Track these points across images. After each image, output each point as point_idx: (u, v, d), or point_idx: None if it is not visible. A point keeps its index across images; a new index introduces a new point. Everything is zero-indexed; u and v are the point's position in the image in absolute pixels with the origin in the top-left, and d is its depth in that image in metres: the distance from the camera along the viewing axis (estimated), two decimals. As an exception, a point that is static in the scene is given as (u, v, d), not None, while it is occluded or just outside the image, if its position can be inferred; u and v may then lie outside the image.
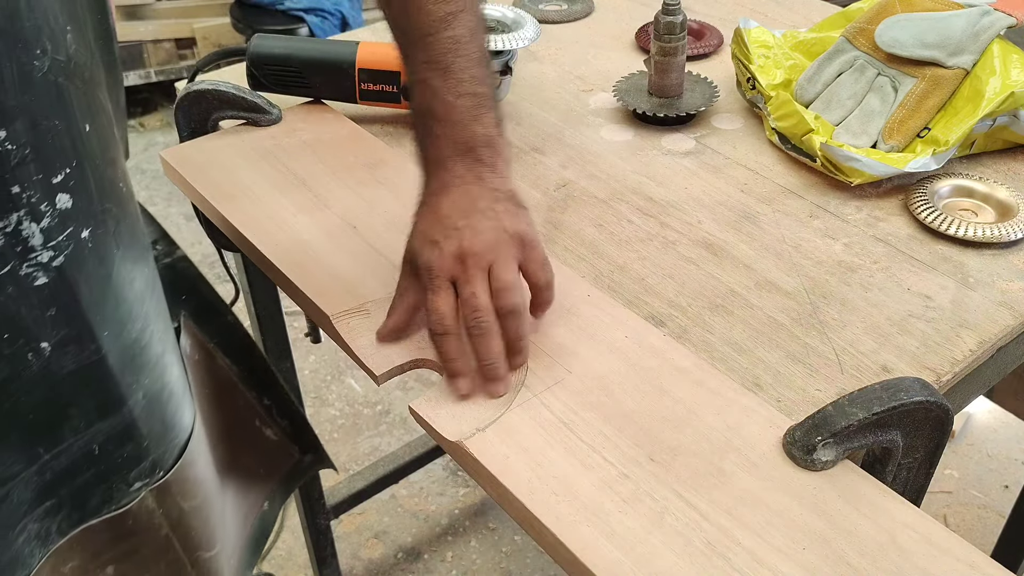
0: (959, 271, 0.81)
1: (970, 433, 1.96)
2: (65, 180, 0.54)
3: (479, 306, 0.66)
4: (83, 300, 0.57)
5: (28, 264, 0.54)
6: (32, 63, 0.51)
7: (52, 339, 0.56)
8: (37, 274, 0.54)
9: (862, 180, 0.88)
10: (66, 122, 0.54)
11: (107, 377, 0.61)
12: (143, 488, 0.67)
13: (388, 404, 2.05)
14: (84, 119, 0.55)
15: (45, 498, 0.62)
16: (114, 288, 0.60)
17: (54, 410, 0.59)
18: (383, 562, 1.75)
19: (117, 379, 0.62)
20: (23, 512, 0.61)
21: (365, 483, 1.61)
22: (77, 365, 0.59)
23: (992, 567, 0.56)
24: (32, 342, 0.56)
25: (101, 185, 0.57)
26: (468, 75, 0.68)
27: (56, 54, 0.52)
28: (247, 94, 0.98)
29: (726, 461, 0.62)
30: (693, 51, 1.16)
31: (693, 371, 0.69)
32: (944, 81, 0.91)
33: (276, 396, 0.89)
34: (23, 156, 0.51)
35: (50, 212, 0.54)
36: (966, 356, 0.72)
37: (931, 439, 0.63)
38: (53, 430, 0.60)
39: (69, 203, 0.55)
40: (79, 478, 0.63)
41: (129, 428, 0.64)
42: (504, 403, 0.67)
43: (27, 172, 0.52)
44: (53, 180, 0.53)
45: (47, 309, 0.56)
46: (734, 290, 0.79)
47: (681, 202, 0.90)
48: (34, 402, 0.58)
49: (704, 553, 0.57)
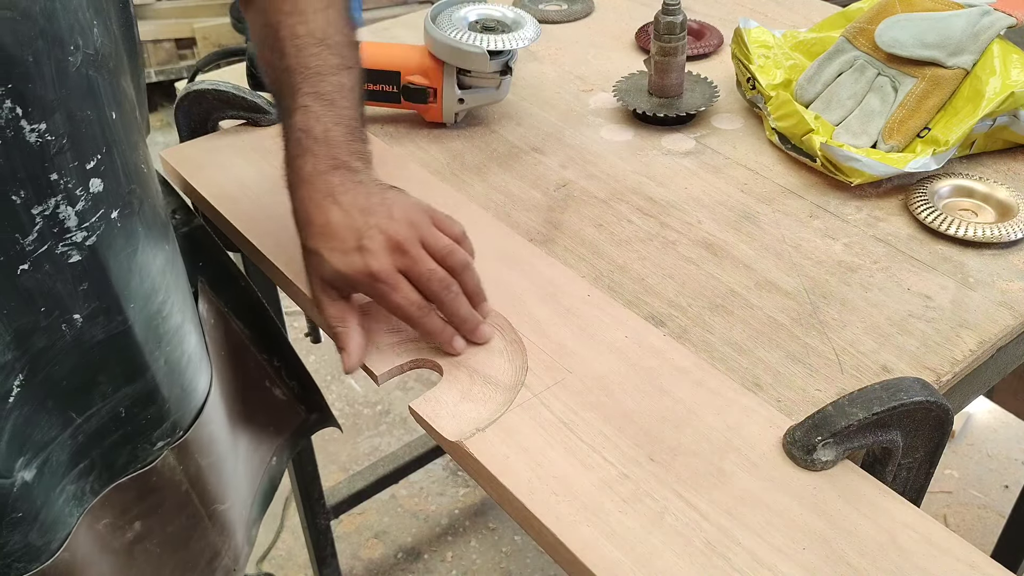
0: (959, 271, 0.81)
1: (970, 433, 1.96)
2: (97, 166, 0.58)
3: (442, 277, 0.70)
4: (112, 276, 0.62)
5: (64, 244, 0.58)
6: (67, 59, 0.54)
7: (84, 311, 0.61)
8: (71, 252, 0.59)
9: (862, 180, 0.88)
10: (96, 112, 0.58)
11: (132, 346, 0.66)
12: (165, 447, 0.72)
13: (388, 404, 2.05)
14: (111, 107, 0.59)
15: (79, 460, 0.67)
16: (139, 264, 0.64)
17: (86, 377, 0.64)
18: (383, 562, 1.75)
19: (141, 347, 0.67)
20: (61, 474, 0.65)
21: (365, 483, 1.61)
22: (106, 335, 0.64)
23: (992, 567, 0.56)
24: (66, 314, 0.60)
25: (127, 168, 0.62)
26: (348, 114, 0.74)
27: (86, 48, 0.56)
28: (247, 94, 0.98)
29: (726, 461, 0.62)
30: (693, 51, 1.16)
31: (693, 371, 0.69)
32: (944, 81, 0.91)
33: (285, 358, 0.93)
34: (61, 146, 0.55)
35: (84, 196, 0.58)
36: (966, 356, 0.72)
37: (931, 439, 0.63)
38: (84, 395, 0.65)
39: (100, 187, 0.59)
40: (108, 439, 0.68)
41: (152, 392, 0.69)
42: (504, 403, 0.67)
43: (64, 160, 0.56)
44: (87, 166, 0.58)
45: (80, 284, 0.60)
46: (734, 290, 0.79)
47: (681, 202, 0.90)
48: (68, 370, 0.62)
49: (704, 553, 0.57)
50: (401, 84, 0.99)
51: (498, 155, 0.98)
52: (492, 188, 0.93)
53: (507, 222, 0.87)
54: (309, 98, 0.73)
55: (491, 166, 0.97)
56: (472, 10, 0.99)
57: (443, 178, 0.94)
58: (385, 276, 0.69)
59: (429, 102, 0.99)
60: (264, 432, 0.93)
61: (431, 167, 0.96)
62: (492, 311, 0.75)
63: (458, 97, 0.99)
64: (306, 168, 0.71)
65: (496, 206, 0.90)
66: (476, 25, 0.98)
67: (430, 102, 0.99)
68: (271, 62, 0.75)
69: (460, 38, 0.94)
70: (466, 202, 0.89)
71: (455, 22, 0.97)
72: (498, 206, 0.90)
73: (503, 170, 0.96)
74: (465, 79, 0.99)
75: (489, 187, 0.93)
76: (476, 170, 0.96)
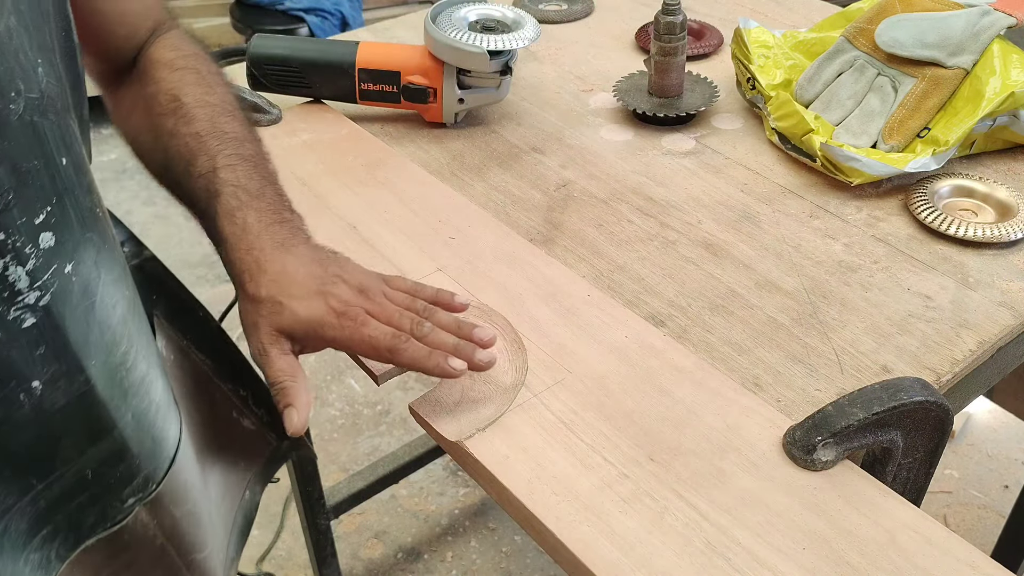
0: (959, 271, 0.81)
1: (970, 433, 1.96)
2: (47, 219, 0.53)
3: (412, 316, 0.67)
4: (70, 334, 0.56)
5: (16, 308, 0.52)
6: (7, 108, 0.50)
7: (43, 377, 0.55)
8: (25, 316, 0.53)
9: (862, 180, 0.88)
10: (44, 160, 0.52)
11: (96, 405, 0.60)
12: (136, 503, 0.67)
13: (388, 404, 2.05)
14: (60, 153, 0.54)
15: (41, 526, 0.61)
16: (98, 316, 0.59)
17: (47, 445, 0.58)
18: (383, 562, 1.75)
19: (106, 405, 0.61)
20: (23, 544, 0.60)
21: (365, 483, 1.61)
22: (68, 399, 0.58)
23: (992, 567, 0.56)
24: (23, 383, 0.54)
25: (81, 216, 0.56)
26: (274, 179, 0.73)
27: (29, 92, 0.51)
28: (247, 94, 0.98)
29: (726, 461, 0.62)
30: (693, 51, 1.16)
31: (693, 371, 0.69)
32: (944, 81, 0.91)
33: (251, 386, 0.88)
34: (7, 203, 0.50)
35: (34, 253, 0.52)
36: (966, 356, 0.72)
37: (931, 439, 0.63)
38: (46, 463, 0.59)
39: (52, 241, 0.53)
40: (73, 502, 0.62)
41: (120, 450, 0.63)
42: (504, 403, 0.67)
43: (11, 218, 0.51)
44: (36, 221, 0.52)
45: (36, 349, 0.54)
46: (734, 290, 0.79)
47: (681, 202, 0.90)
48: (27, 441, 0.57)
49: (704, 553, 0.57)
50: (401, 84, 0.99)
51: (498, 155, 0.98)
52: (492, 188, 0.93)
53: (507, 222, 0.87)
54: (234, 158, 0.71)
55: (491, 166, 0.97)
56: (472, 10, 0.99)
57: (443, 178, 0.94)
58: (354, 314, 0.65)
59: (429, 102, 0.99)
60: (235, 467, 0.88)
61: (431, 167, 0.96)
62: (493, 311, 0.75)
63: (458, 97, 0.99)
64: (249, 219, 0.68)
65: (496, 206, 0.90)
66: (476, 25, 0.98)
67: (430, 102, 0.99)
68: (172, 130, 0.72)
69: (460, 38, 0.94)
70: (466, 202, 0.89)
71: (455, 22, 0.97)
72: (498, 206, 0.90)
73: (503, 170, 0.96)
74: (465, 79, 0.99)
75: (489, 187, 0.93)
76: (476, 170, 0.96)
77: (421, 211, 0.87)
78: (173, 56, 0.76)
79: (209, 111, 0.73)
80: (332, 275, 0.67)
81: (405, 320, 0.66)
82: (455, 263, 0.81)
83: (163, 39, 0.78)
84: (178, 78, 0.74)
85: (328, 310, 0.65)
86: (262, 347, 0.67)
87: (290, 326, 0.66)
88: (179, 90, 0.74)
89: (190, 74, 0.75)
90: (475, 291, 0.77)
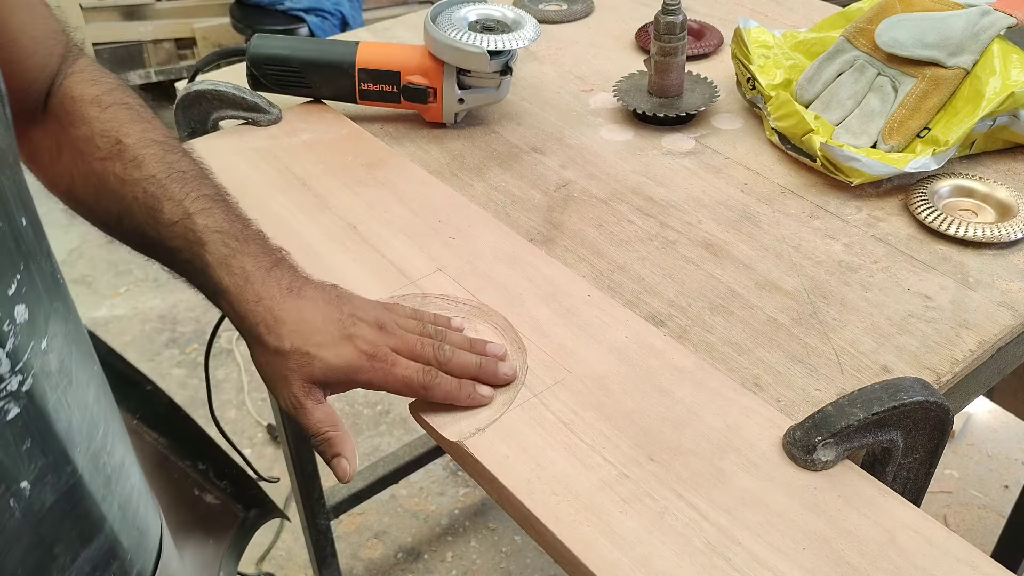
0: (959, 271, 0.81)
1: (970, 433, 1.96)
2: (18, 289, 0.47)
3: (431, 341, 0.67)
4: (54, 421, 0.50)
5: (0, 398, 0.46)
6: None
7: (31, 475, 0.49)
8: (10, 407, 0.47)
9: (862, 180, 0.88)
10: (7, 220, 0.47)
11: (86, 498, 0.55)
12: None
13: (388, 404, 2.05)
14: (19, 212, 0.48)
15: None
16: (75, 397, 0.53)
17: (40, 553, 0.52)
18: (383, 562, 1.75)
19: (94, 496, 0.56)
20: None
21: (365, 483, 1.61)
22: (56, 495, 0.52)
23: (992, 567, 0.56)
24: (12, 486, 0.48)
25: (46, 284, 0.51)
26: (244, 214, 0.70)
27: None
28: (247, 94, 0.98)
29: (726, 461, 0.62)
30: (693, 51, 1.16)
31: (693, 371, 0.69)
32: (944, 81, 0.91)
33: (211, 458, 0.85)
34: None
35: (12, 330, 0.46)
36: (966, 356, 0.72)
37: (931, 439, 0.63)
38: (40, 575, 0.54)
39: (26, 315, 0.47)
40: None
41: (112, 547, 0.59)
42: (504, 403, 0.67)
43: None
44: (9, 292, 0.46)
45: (23, 443, 0.48)
46: (734, 290, 0.79)
47: (681, 202, 0.90)
48: (19, 553, 0.50)
49: (704, 553, 0.57)
50: (401, 84, 0.99)
51: (498, 155, 0.98)
52: (492, 188, 0.93)
53: (507, 222, 0.87)
54: (205, 201, 0.67)
55: (491, 166, 0.97)
56: (472, 10, 0.99)
57: (443, 178, 0.94)
58: (383, 355, 0.65)
59: (429, 102, 0.99)
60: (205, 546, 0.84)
61: (431, 167, 0.96)
62: (493, 311, 0.75)
63: (458, 97, 0.99)
64: (247, 267, 0.66)
65: (496, 206, 0.90)
66: (476, 25, 0.98)
67: (430, 102, 0.99)
68: (122, 176, 0.68)
69: (460, 38, 0.94)
70: (466, 202, 0.89)
71: (455, 22, 0.97)
72: (498, 206, 0.90)
73: (503, 170, 0.96)
74: (465, 79, 0.99)
75: (489, 187, 0.93)
76: (476, 170, 0.96)
77: (421, 211, 0.87)
78: (97, 92, 0.70)
79: (157, 150, 0.69)
80: (348, 315, 0.66)
81: (427, 349, 0.66)
82: (455, 263, 0.81)
83: (77, 72, 0.71)
84: (111, 116, 0.69)
85: (359, 354, 0.65)
86: (297, 401, 0.65)
87: (323, 375, 0.65)
88: (117, 130, 0.69)
89: (122, 111, 0.70)
90: (475, 291, 0.77)
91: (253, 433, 2.00)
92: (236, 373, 2.14)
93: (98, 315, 2.33)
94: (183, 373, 2.15)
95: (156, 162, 0.68)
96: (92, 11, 2.91)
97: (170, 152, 0.70)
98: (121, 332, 2.28)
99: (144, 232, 0.68)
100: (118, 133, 0.68)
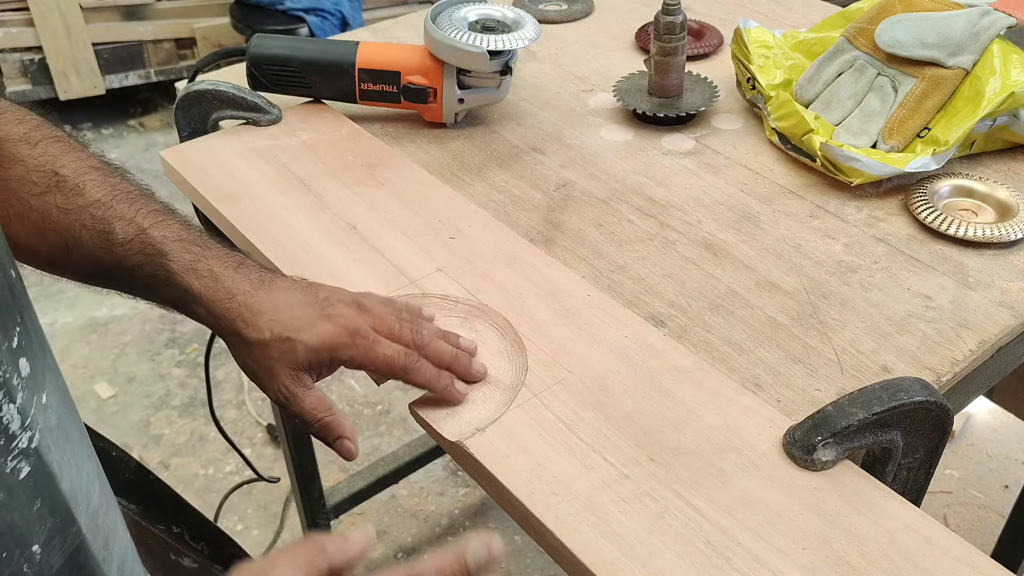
0: (959, 271, 0.81)
1: (970, 433, 1.96)
2: (19, 341, 0.46)
3: (410, 322, 0.67)
4: (58, 479, 0.49)
5: (12, 456, 0.44)
6: None
7: (40, 538, 0.47)
8: (21, 465, 0.45)
9: (862, 180, 0.88)
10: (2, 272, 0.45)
11: (90, 560, 0.53)
12: None
13: (388, 404, 2.05)
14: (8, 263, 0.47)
15: None
16: (73, 453, 0.52)
17: None
18: (383, 562, 1.75)
19: (96, 558, 0.54)
20: None
21: (365, 483, 1.61)
22: (63, 558, 0.50)
23: (992, 567, 0.56)
24: (25, 549, 0.46)
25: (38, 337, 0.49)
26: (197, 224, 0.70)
27: None
28: (247, 94, 0.98)
29: (726, 461, 0.62)
30: (693, 51, 1.16)
31: (693, 371, 0.69)
32: (944, 81, 0.91)
33: (185, 520, 0.82)
34: None
35: (20, 385, 0.45)
36: (966, 356, 0.72)
37: (931, 439, 0.63)
38: None
39: (28, 368, 0.46)
40: None
41: None
42: (504, 403, 0.67)
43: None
44: (13, 345, 0.45)
45: (34, 504, 0.47)
46: (734, 290, 0.79)
47: (681, 202, 0.90)
48: None
49: (704, 553, 0.57)
50: (401, 84, 0.99)
51: (498, 155, 0.98)
52: (492, 188, 0.93)
53: (507, 222, 0.87)
54: (156, 215, 0.67)
55: (491, 166, 0.97)
56: (472, 10, 0.99)
57: (443, 178, 0.94)
58: (364, 332, 0.65)
59: (429, 102, 0.99)
60: None
61: (431, 167, 0.96)
62: (492, 311, 0.75)
63: (458, 97, 0.99)
64: (214, 268, 0.66)
65: (496, 206, 0.90)
66: (476, 25, 0.98)
67: (430, 102, 0.99)
68: (64, 206, 0.67)
69: (460, 38, 0.94)
70: (466, 202, 0.89)
71: (455, 22, 0.97)
72: (498, 206, 0.90)
73: (503, 170, 0.96)
74: (465, 79, 0.99)
75: (489, 187, 0.93)
76: (476, 170, 0.96)
77: (421, 211, 0.87)
78: (24, 129, 0.68)
79: (97, 176, 0.68)
80: (324, 299, 0.67)
81: (406, 329, 0.67)
82: (455, 263, 0.81)
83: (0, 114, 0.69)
84: (42, 151, 0.68)
85: (339, 330, 0.65)
86: (286, 390, 0.65)
87: (306, 358, 0.65)
88: (51, 163, 0.67)
89: (53, 144, 0.68)
90: (475, 291, 0.77)
91: (253, 433, 2.00)
92: (236, 373, 2.14)
93: (98, 315, 2.33)
94: (183, 373, 2.15)
95: (98, 187, 0.68)
96: (92, 11, 2.91)
97: (110, 176, 0.69)
98: (121, 332, 2.28)
99: (98, 258, 0.67)
100: (53, 165, 0.67)
